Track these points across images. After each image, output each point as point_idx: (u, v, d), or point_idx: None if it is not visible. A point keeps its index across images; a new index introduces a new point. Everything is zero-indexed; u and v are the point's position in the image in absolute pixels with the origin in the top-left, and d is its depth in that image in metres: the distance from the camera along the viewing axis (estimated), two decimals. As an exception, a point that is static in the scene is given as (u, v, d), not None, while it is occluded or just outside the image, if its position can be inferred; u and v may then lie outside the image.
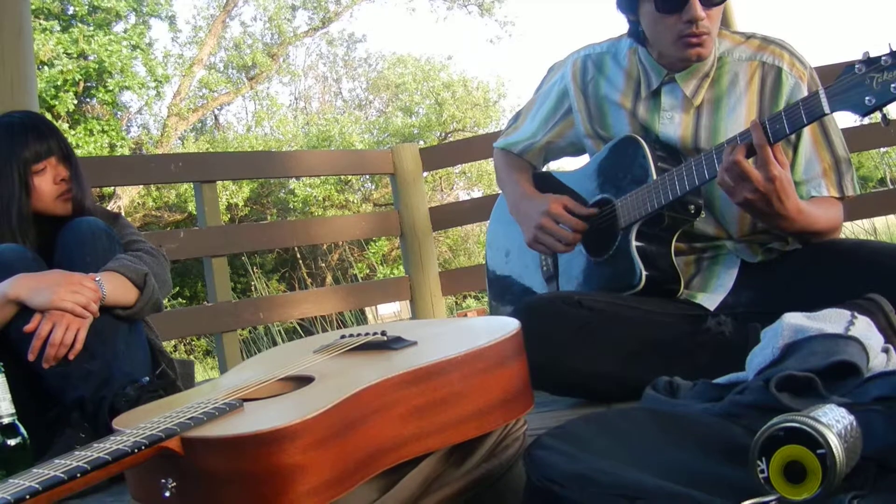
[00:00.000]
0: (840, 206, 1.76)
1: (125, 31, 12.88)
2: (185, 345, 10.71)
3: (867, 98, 1.40)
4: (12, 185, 1.86)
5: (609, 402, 1.68)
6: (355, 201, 13.89)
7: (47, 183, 1.89)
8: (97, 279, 1.76)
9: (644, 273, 1.71)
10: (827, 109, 1.46)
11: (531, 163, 2.10)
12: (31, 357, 1.70)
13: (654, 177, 1.71)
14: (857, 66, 1.42)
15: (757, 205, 1.55)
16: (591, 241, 1.86)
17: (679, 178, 1.66)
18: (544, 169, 2.13)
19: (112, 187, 11.27)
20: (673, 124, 1.77)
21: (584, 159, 2.00)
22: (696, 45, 1.68)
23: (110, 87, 12.20)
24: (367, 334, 1.22)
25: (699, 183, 1.64)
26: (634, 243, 1.74)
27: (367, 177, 13.42)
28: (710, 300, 1.75)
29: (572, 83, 1.93)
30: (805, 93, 1.68)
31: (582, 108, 1.92)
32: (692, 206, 1.74)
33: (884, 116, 1.42)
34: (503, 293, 2.17)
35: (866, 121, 1.54)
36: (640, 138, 1.76)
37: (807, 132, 1.71)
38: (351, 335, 1.24)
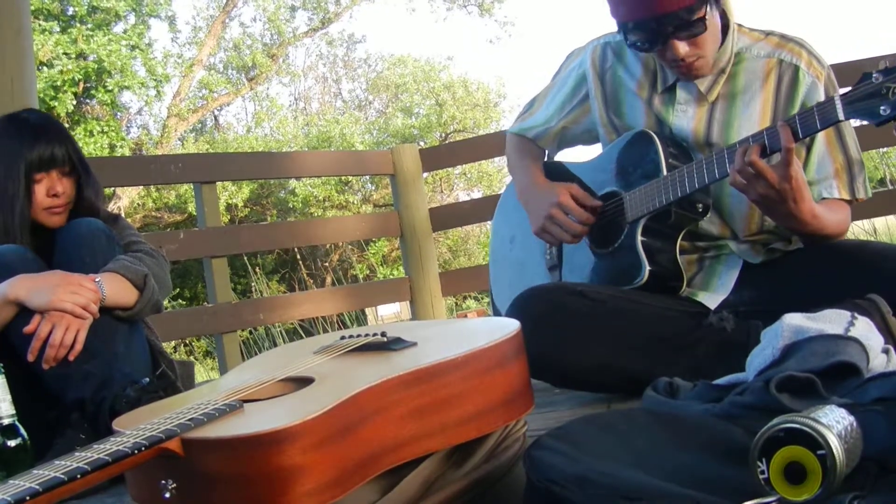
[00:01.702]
0: (848, 209, 1.76)
1: (124, 32, 12.86)
2: (185, 346, 10.70)
3: (882, 108, 1.41)
4: (17, 183, 1.85)
5: (609, 397, 1.68)
6: (355, 202, 13.88)
7: (41, 193, 1.88)
8: (97, 280, 1.76)
9: (648, 268, 1.72)
10: (841, 116, 1.46)
11: (544, 149, 2.09)
12: (30, 358, 1.70)
13: (665, 173, 1.71)
14: (874, 75, 1.42)
15: (772, 201, 1.55)
16: (597, 233, 1.86)
17: (689, 176, 1.66)
18: (556, 158, 2.12)
19: (112, 188, 11.26)
20: (686, 116, 1.77)
21: (595, 150, 1.99)
22: (689, 72, 1.70)
23: (110, 88, 12.19)
24: (367, 335, 1.22)
25: (709, 181, 1.65)
26: (640, 238, 1.75)
27: (367, 177, 13.42)
28: (712, 299, 1.75)
29: (591, 69, 1.92)
30: (821, 92, 1.69)
31: (599, 94, 1.91)
32: (700, 205, 1.74)
33: None
34: (505, 280, 2.17)
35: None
36: (653, 134, 1.76)
37: (821, 132, 1.72)
38: (351, 336, 1.24)
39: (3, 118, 1.96)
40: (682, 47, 1.64)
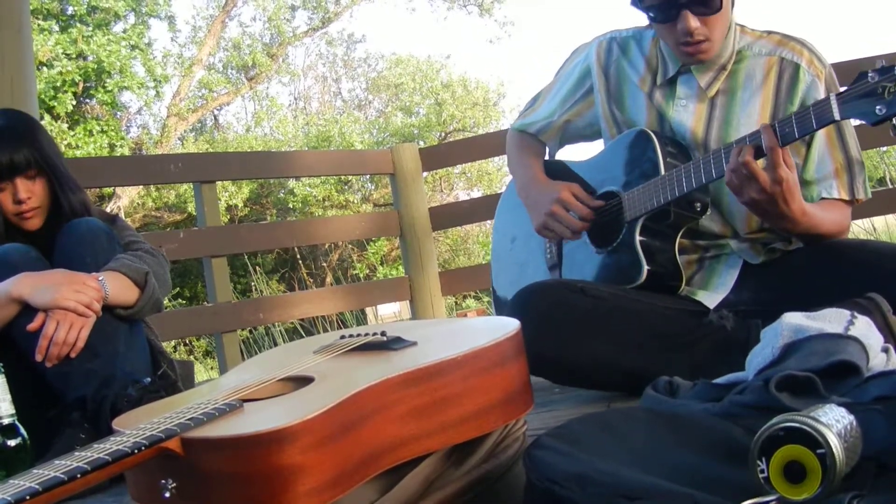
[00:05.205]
0: (848, 209, 1.76)
1: (124, 32, 12.85)
2: (185, 345, 10.69)
3: (878, 107, 1.41)
4: None
5: (608, 396, 1.68)
6: (355, 201, 13.87)
7: (7, 202, 1.86)
8: (100, 279, 1.76)
9: (647, 267, 1.72)
10: (837, 116, 1.47)
11: (546, 144, 2.10)
12: (38, 357, 1.70)
13: (663, 172, 1.72)
14: (870, 74, 1.43)
15: (762, 205, 1.56)
16: (597, 232, 1.87)
17: (687, 175, 1.67)
18: (556, 157, 2.13)
19: (112, 188, 11.27)
20: (687, 112, 1.78)
21: (595, 149, 2.00)
22: (694, 53, 1.70)
23: (109, 88, 12.18)
24: (366, 334, 1.22)
25: (706, 181, 1.65)
26: (639, 237, 1.75)
27: (367, 177, 13.41)
28: (711, 298, 1.75)
29: (595, 63, 1.94)
30: (821, 91, 1.70)
31: (602, 87, 1.93)
32: (698, 204, 1.75)
33: (894, 126, 1.43)
34: (506, 279, 2.18)
35: (867, 120, 1.54)
36: (651, 133, 1.77)
37: (822, 131, 1.72)
38: (351, 335, 1.24)
39: None
40: (694, 21, 1.65)
